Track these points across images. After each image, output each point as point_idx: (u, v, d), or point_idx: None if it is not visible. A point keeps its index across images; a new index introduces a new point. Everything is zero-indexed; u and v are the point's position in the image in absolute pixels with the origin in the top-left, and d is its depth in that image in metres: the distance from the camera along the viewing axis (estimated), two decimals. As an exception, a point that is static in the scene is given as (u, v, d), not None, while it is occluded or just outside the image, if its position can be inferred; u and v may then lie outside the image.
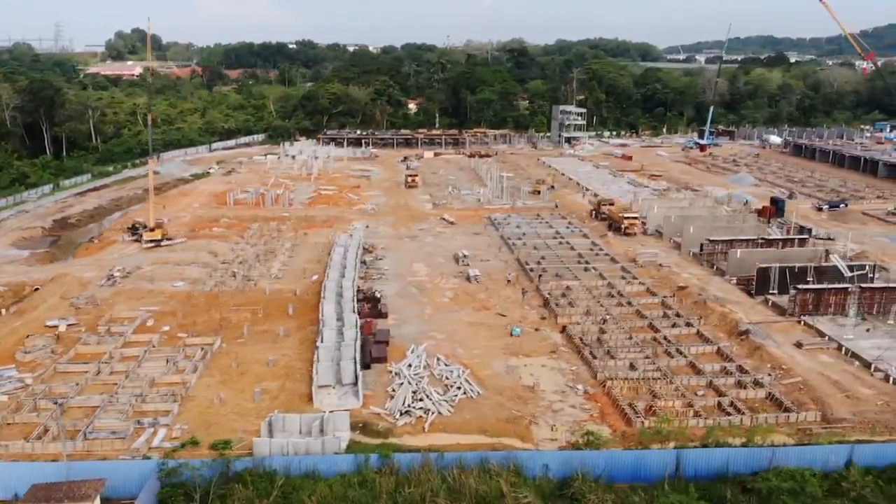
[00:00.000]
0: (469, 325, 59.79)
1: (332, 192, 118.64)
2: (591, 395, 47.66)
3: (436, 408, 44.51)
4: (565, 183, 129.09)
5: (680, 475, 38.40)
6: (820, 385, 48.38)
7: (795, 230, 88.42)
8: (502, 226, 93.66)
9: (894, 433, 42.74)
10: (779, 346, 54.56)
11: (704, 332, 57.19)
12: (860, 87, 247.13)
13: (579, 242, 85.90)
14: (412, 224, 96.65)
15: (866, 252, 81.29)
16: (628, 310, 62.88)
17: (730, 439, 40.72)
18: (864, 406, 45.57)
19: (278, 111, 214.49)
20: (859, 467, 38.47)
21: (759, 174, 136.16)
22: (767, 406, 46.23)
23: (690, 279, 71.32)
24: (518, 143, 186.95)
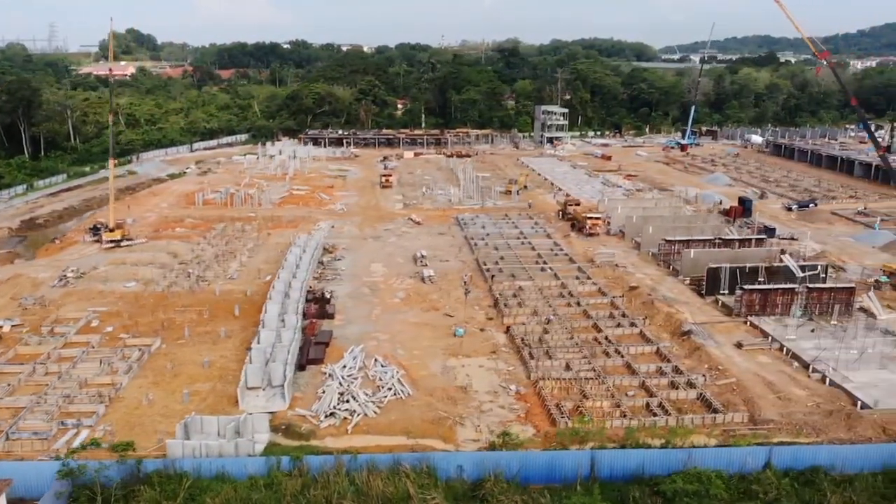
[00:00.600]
0: (415, 325, 59.58)
1: (304, 193, 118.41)
2: (523, 395, 47.45)
3: (362, 409, 44.28)
4: (540, 183, 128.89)
5: (595, 476, 38.20)
6: (754, 386, 48.17)
7: (760, 230, 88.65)
8: (468, 226, 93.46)
9: (821, 435, 42.50)
10: (719, 347, 54.35)
11: (647, 333, 56.95)
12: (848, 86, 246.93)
13: (541, 242, 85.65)
14: (378, 224, 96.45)
15: (826, 252, 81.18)
16: (576, 310, 62.68)
17: (651, 440, 40.47)
18: (795, 407, 45.35)
19: (263, 111, 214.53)
20: (777, 469, 38.28)
21: (736, 174, 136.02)
22: (697, 407, 46.01)
23: (644, 279, 71.11)
24: (500, 143, 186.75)
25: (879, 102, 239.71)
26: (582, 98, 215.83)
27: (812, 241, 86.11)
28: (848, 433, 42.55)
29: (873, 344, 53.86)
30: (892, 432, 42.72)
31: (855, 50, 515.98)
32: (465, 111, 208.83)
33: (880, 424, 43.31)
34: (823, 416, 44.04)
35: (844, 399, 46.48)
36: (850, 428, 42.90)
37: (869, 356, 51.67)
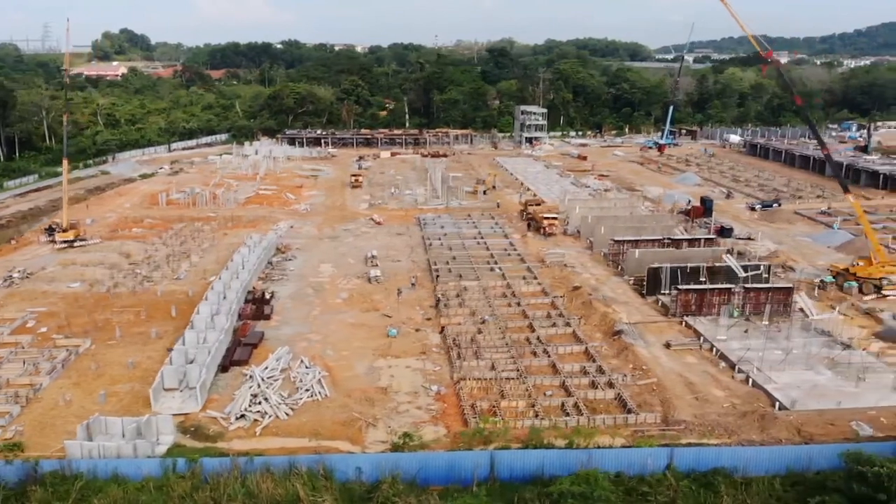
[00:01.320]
0: (350, 326, 59.38)
1: (271, 193, 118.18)
2: (442, 396, 47.25)
3: (273, 411, 44.08)
4: (511, 183, 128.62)
5: (494, 477, 38.03)
6: (674, 386, 48.00)
7: (716, 230, 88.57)
8: (428, 226, 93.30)
9: (733, 436, 42.29)
10: (648, 347, 54.18)
11: (579, 333, 56.76)
12: (834, 86, 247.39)
13: (497, 242, 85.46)
14: (339, 224, 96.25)
15: (780, 252, 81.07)
16: (515, 310, 62.51)
17: (555, 441, 40.29)
18: (711, 408, 45.17)
19: (246, 111, 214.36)
20: (678, 471, 38.09)
21: (708, 174, 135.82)
22: (612, 407, 45.82)
23: (589, 279, 70.96)
24: (479, 143, 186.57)
25: (865, 102, 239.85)
26: (564, 98, 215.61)
27: (768, 241, 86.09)
28: (760, 434, 42.33)
29: (803, 345, 53.73)
30: (806, 434, 42.53)
31: (851, 50, 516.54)
32: (447, 111, 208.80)
33: (795, 426, 43.10)
34: (737, 418, 43.83)
35: (764, 400, 46.31)
36: (762, 429, 42.67)
37: (795, 357, 51.52)
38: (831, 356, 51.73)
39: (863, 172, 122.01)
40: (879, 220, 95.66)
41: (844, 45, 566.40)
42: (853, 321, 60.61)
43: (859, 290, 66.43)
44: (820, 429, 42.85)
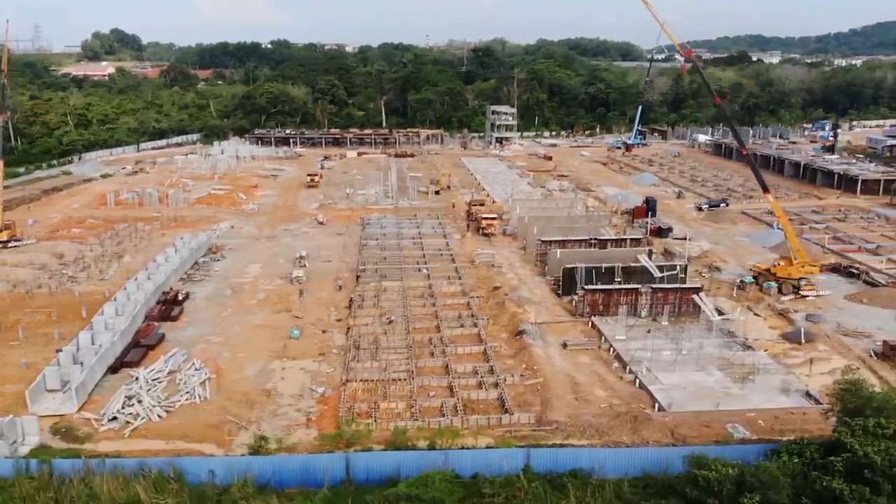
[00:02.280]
0: (256, 327, 59.18)
1: (224, 192, 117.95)
2: (327, 398, 47.07)
3: (146, 413, 43.91)
4: (469, 183, 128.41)
5: (350, 479, 37.89)
6: (559, 386, 47.85)
7: (654, 230, 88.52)
8: (369, 226, 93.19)
9: (604, 437, 42.11)
10: (545, 347, 54.01)
11: (483, 334, 56.59)
12: (814, 85, 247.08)
13: (434, 243, 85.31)
14: (281, 224, 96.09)
15: (713, 252, 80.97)
16: (429, 310, 62.34)
17: (419, 442, 40.12)
18: (588, 408, 45.01)
19: (221, 111, 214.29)
20: (535, 472, 37.96)
21: (668, 174, 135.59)
22: (493, 408, 45.63)
23: (512, 279, 70.81)
24: (450, 143, 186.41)
25: (843, 101, 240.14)
26: (538, 98, 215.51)
27: (704, 241, 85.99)
28: (632, 436, 42.15)
29: (700, 345, 53.59)
30: (679, 436, 42.33)
31: (845, 49, 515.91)
32: (421, 111, 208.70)
33: (669, 427, 42.91)
34: (611, 419, 43.65)
35: (646, 401, 46.18)
36: (634, 431, 42.49)
37: (690, 358, 51.37)
38: (726, 357, 51.56)
39: (819, 172, 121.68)
40: (824, 220, 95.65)
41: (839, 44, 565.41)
42: (766, 321, 60.59)
43: (778, 290, 66.27)
44: (694, 430, 42.67)
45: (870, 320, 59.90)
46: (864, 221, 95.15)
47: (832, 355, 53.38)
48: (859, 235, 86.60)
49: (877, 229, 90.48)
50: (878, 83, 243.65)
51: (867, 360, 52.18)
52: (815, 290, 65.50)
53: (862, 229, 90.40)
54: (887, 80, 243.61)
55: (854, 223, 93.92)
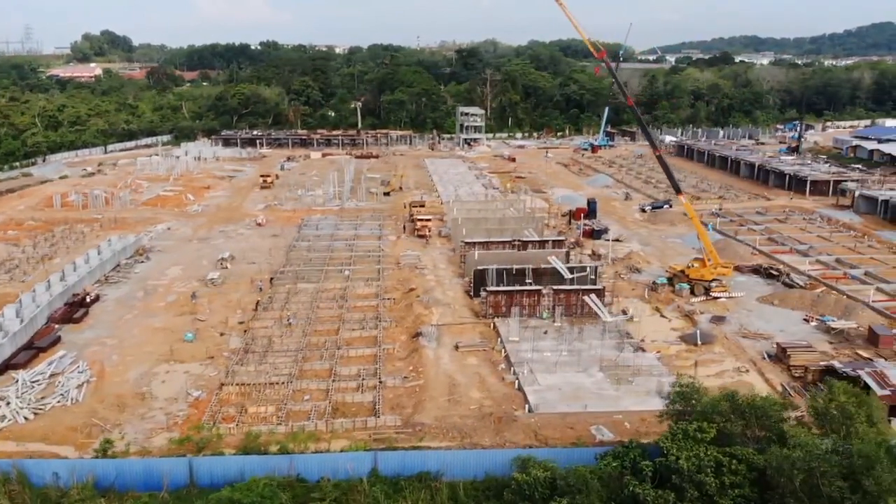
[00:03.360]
0: (155, 330, 58.83)
1: (174, 194, 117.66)
2: (201, 401, 46.73)
3: (13, 415, 43.61)
4: (425, 184, 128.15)
5: (194, 483, 37.60)
6: (438, 388, 47.56)
7: (588, 231, 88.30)
8: (306, 228, 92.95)
9: (465, 439, 41.77)
10: (438, 349, 53.71)
11: (380, 336, 56.29)
12: (793, 86, 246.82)
13: (368, 244, 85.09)
14: (219, 226, 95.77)
15: (641, 253, 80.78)
16: (336, 312, 62.04)
17: (272, 447, 39.83)
18: (457, 410, 44.69)
19: (195, 112, 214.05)
20: (382, 475, 37.71)
21: (624, 175, 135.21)
22: (365, 410, 45.30)
23: (430, 281, 70.56)
24: (419, 144, 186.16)
25: (819, 102, 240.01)
26: (511, 99, 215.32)
27: (636, 242, 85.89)
28: (494, 437, 41.86)
29: (590, 346, 53.33)
30: (542, 437, 42.03)
31: (839, 50, 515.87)
32: (393, 112, 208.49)
33: (534, 429, 42.63)
34: (477, 420, 43.35)
35: (520, 402, 45.87)
36: (497, 432, 42.21)
37: (572, 359, 51.17)
38: (613, 358, 51.27)
39: (771, 173, 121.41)
40: (765, 222, 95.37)
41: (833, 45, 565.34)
42: (671, 323, 60.32)
43: (691, 291, 66.01)
44: (558, 432, 42.37)
45: (775, 322, 59.64)
46: (805, 223, 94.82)
47: (726, 357, 53.13)
48: (795, 237, 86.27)
49: (814, 230, 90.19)
50: (856, 84, 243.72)
51: (758, 363, 51.90)
52: (727, 292, 65.21)
53: (799, 230, 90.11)
54: (865, 80, 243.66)
55: (794, 224, 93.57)
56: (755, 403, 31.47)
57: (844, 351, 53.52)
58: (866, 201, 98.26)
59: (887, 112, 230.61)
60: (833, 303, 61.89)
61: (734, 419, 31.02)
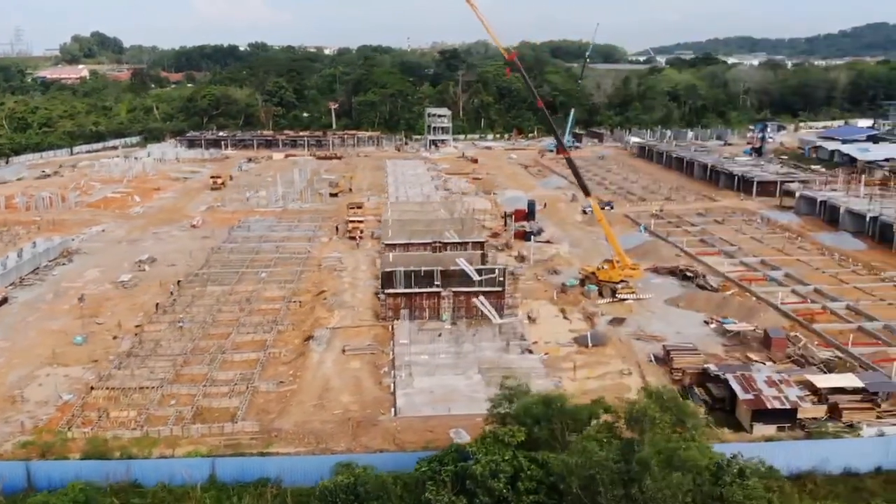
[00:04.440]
0: (50, 332, 58.33)
1: (121, 195, 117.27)
2: (69, 405, 46.25)
3: None
4: (380, 185, 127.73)
5: (32, 487, 37.14)
6: (310, 392, 47.15)
7: (520, 233, 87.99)
8: (239, 229, 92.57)
9: (321, 444, 41.31)
10: (325, 352, 53.27)
11: (271, 340, 55.85)
12: (770, 87, 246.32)
13: (296, 246, 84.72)
14: (155, 228, 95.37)
15: (561, 255, 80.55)
16: (236, 316, 61.57)
17: (116, 452, 39.39)
18: (321, 415, 44.27)
19: (166, 114, 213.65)
20: (221, 481, 37.30)
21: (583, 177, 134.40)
22: (229, 415, 44.82)
23: (345, 283, 70.17)
24: (386, 145, 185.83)
25: (796, 102, 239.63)
26: (483, 101, 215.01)
27: (566, 244, 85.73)
28: (350, 442, 41.45)
29: (478, 348, 52.91)
30: (401, 441, 41.61)
31: (833, 51, 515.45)
32: (364, 113, 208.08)
33: (393, 433, 42.23)
34: (336, 425, 42.93)
35: (389, 405, 45.41)
36: (354, 437, 41.80)
37: (456, 361, 50.76)
38: (495, 360, 50.85)
39: (722, 175, 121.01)
40: (704, 223, 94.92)
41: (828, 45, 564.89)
42: (571, 324, 59.90)
43: (599, 293, 65.61)
44: (417, 436, 41.93)
45: (676, 324, 59.19)
46: (743, 224, 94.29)
47: (613, 359, 52.69)
48: (727, 238, 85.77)
49: (750, 232, 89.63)
50: (832, 85, 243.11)
51: (643, 365, 51.46)
52: (634, 294, 64.77)
53: (734, 232, 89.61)
54: (841, 81, 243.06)
55: (731, 226, 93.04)
56: (564, 408, 31.00)
57: (735, 354, 53.13)
58: (807, 202, 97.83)
59: (862, 112, 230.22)
60: (737, 305, 61.48)
61: (542, 423, 30.55)
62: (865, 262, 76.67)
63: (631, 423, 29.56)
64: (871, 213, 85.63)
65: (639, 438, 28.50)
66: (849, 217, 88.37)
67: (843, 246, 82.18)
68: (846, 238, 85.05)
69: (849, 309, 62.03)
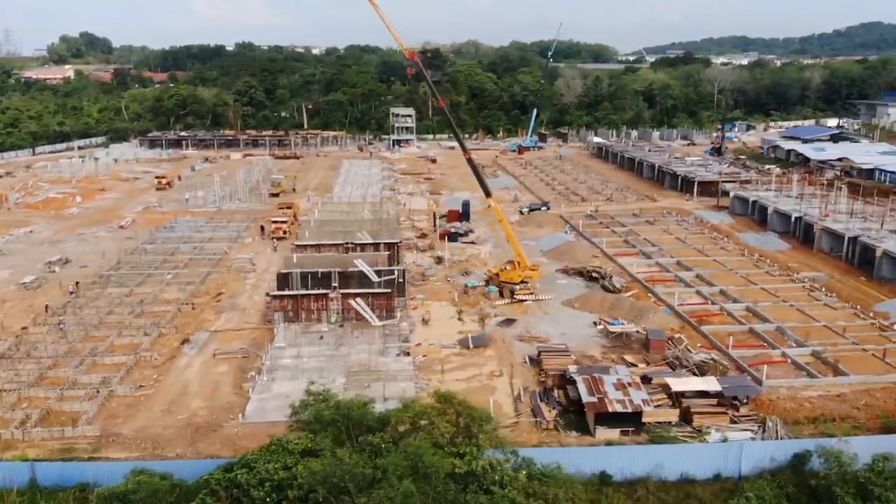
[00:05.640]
0: (-69, 335, 57.75)
1: (63, 196, 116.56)
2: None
3: None
4: (327, 185, 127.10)
5: None
6: (165, 397, 46.52)
7: (444, 234, 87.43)
8: (165, 230, 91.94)
9: (157, 449, 40.66)
10: (196, 356, 52.65)
11: (150, 343, 55.13)
12: (746, 86, 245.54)
13: (216, 247, 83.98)
14: (83, 229, 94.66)
15: (478, 256, 79.99)
16: (124, 318, 60.77)
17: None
18: (166, 420, 43.58)
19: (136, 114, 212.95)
20: (42, 486, 36.73)
21: (534, 177, 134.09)
22: (77, 420, 44.18)
23: (247, 285, 69.53)
24: (349, 145, 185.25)
25: (770, 101, 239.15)
26: (453, 101, 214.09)
27: (490, 245, 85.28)
28: (186, 448, 40.78)
29: (356, 351, 52.32)
30: (242, 447, 40.69)
31: (826, 50, 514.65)
32: (331, 113, 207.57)
33: (234, 439, 41.55)
34: (176, 431, 42.27)
35: (240, 410, 44.71)
36: (192, 443, 41.13)
37: (328, 365, 50.09)
38: (364, 363, 50.20)
39: (667, 175, 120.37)
40: (635, 223, 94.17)
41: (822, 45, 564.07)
42: (464, 325, 59.27)
43: (500, 293, 64.99)
44: (257, 442, 40.28)
45: (565, 325, 58.55)
46: (674, 224, 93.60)
47: (490, 361, 52.05)
48: (651, 239, 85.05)
49: (676, 232, 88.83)
50: (805, 84, 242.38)
51: (516, 367, 50.81)
52: (533, 295, 64.11)
53: (662, 232, 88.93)
54: (814, 80, 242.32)
55: (661, 226, 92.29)
56: (349, 414, 30.28)
57: (612, 355, 52.49)
58: (741, 203, 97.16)
59: (836, 112, 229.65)
60: (629, 307, 60.80)
61: (327, 429, 29.86)
62: (783, 262, 76.08)
63: (412, 427, 28.90)
64: (795, 213, 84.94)
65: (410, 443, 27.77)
66: (777, 217, 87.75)
67: (766, 246, 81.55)
68: (771, 238, 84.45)
69: (748, 311, 61.40)
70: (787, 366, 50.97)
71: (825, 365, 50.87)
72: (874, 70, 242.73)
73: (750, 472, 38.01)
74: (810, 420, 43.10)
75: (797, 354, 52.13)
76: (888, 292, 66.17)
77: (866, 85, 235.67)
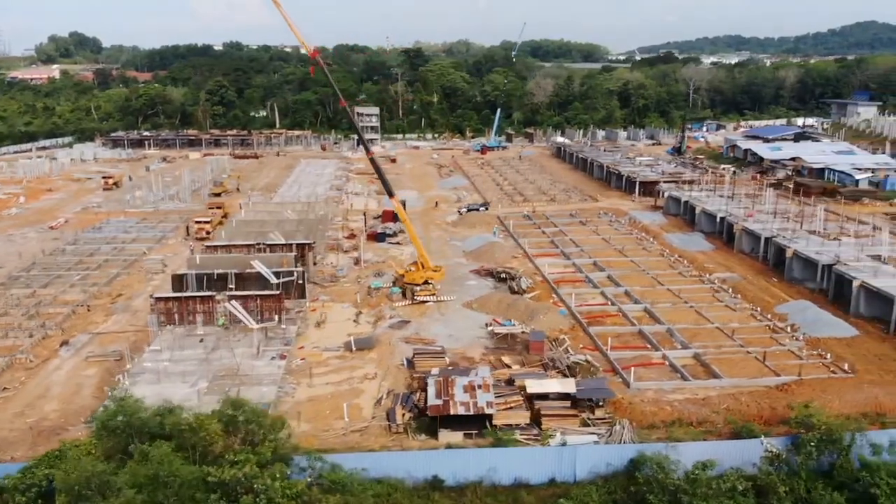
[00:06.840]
0: None
1: (7, 196, 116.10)
2: None
3: None
4: (276, 185, 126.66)
5: None
6: (23, 400, 46.03)
7: (373, 235, 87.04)
8: (92, 230, 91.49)
9: (9, 452, 40.25)
10: (70, 358, 52.20)
11: (31, 345, 54.62)
12: (723, 86, 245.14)
13: (138, 248, 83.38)
14: (14, 230, 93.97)
15: (397, 258, 79.35)
16: (15, 320, 60.25)
17: None
18: (15, 424, 43.08)
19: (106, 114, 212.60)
20: None
21: (486, 178, 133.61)
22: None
23: (151, 288, 68.86)
24: (314, 144, 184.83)
25: (745, 101, 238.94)
26: (424, 100, 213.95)
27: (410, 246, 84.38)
28: (28, 451, 40.21)
29: (232, 355, 51.78)
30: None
31: (821, 49, 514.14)
32: (299, 112, 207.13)
33: (77, 442, 41.05)
34: (21, 434, 41.81)
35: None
36: (33, 447, 40.46)
37: (196, 368, 49.61)
38: (233, 367, 49.71)
39: (613, 175, 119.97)
40: (569, 224, 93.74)
41: (816, 44, 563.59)
42: (358, 327, 58.84)
43: (403, 294, 64.55)
44: (100, 446, 40.75)
45: (456, 326, 58.13)
46: (606, 224, 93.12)
47: (368, 364, 51.60)
48: (577, 239, 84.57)
49: (605, 233, 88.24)
50: (780, 83, 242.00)
51: (391, 368, 50.36)
52: (434, 296, 63.66)
53: (590, 232, 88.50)
54: (789, 79, 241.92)
55: (592, 226, 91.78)
56: (130, 421, 29.86)
57: (490, 357, 52.05)
58: (675, 203, 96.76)
59: (809, 111, 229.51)
60: (523, 308, 60.35)
61: (117, 433, 29.51)
62: (701, 262, 75.65)
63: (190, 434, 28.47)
64: (720, 213, 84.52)
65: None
66: (704, 217, 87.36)
67: (689, 247, 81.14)
68: (697, 239, 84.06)
69: (645, 311, 61.00)
70: (664, 367, 50.57)
71: (704, 367, 50.50)
72: (849, 69, 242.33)
73: (585, 477, 37.56)
74: (666, 424, 42.58)
75: (678, 356, 51.77)
76: (795, 293, 65.81)
77: (840, 84, 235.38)
